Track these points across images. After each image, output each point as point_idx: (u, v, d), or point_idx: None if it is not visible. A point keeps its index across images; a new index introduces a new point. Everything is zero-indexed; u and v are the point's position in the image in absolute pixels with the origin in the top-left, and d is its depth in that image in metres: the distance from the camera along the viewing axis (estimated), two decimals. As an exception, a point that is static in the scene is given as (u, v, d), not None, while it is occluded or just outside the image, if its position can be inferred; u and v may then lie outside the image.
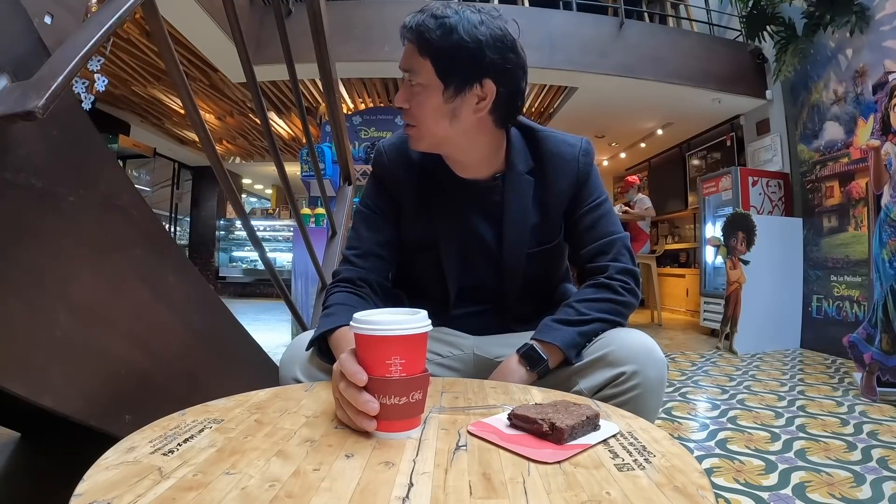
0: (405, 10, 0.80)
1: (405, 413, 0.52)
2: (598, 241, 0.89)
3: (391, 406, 0.52)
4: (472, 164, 0.88)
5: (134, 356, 0.98)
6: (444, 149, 0.86)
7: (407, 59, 0.80)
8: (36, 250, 0.79)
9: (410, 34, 0.78)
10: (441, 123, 0.81)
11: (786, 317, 3.81)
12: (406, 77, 0.81)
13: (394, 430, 0.52)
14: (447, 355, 0.91)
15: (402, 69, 0.81)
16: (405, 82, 0.82)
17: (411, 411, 0.53)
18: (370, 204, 0.94)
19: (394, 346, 0.52)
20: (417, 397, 0.53)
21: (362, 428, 0.52)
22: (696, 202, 5.33)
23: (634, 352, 0.75)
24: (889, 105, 2.46)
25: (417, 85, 0.79)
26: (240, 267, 8.81)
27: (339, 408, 0.55)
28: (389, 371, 0.52)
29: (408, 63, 0.80)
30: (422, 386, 0.53)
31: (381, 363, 0.52)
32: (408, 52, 0.80)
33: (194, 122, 1.09)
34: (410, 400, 0.52)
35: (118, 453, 0.46)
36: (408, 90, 0.81)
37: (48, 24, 0.81)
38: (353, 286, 0.88)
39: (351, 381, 0.52)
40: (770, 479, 1.46)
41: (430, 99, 0.79)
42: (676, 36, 4.72)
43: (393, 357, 0.52)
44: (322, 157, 4.02)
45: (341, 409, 0.55)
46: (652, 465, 0.45)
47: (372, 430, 0.52)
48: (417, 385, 0.53)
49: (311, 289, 3.65)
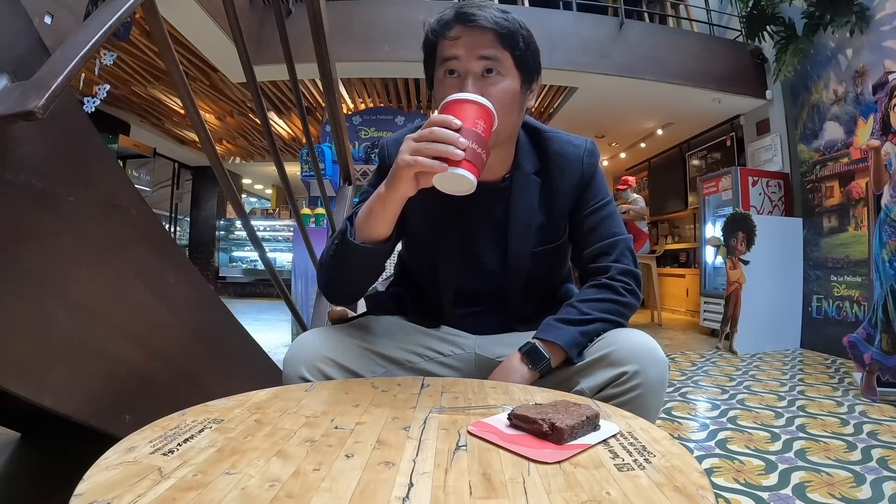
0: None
1: (475, 160, 0.67)
2: (600, 241, 0.89)
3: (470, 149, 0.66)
4: (496, 164, 0.87)
5: (134, 356, 0.98)
6: (499, 145, 0.84)
7: (485, 46, 0.77)
8: (36, 250, 0.79)
9: (486, 23, 0.76)
10: (514, 115, 0.82)
11: (786, 317, 3.81)
12: (470, 68, 0.77)
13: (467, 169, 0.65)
14: (448, 354, 0.91)
15: (482, 56, 0.77)
16: (471, 73, 0.77)
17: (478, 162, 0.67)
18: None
19: (481, 111, 0.69)
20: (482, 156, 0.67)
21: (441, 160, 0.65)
22: (696, 202, 5.33)
23: (636, 352, 0.75)
24: (889, 105, 2.46)
25: (497, 74, 0.78)
26: (240, 267, 8.81)
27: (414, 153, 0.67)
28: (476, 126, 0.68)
29: (488, 51, 0.77)
30: (487, 144, 0.69)
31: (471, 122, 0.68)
32: (484, 41, 0.77)
33: (194, 122, 1.09)
34: (478, 150, 0.67)
35: (118, 453, 0.46)
36: (480, 81, 0.77)
37: (48, 24, 0.81)
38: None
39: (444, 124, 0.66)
40: (770, 479, 1.46)
41: (511, 88, 0.79)
42: (676, 36, 4.72)
43: (478, 120, 0.68)
44: (322, 157, 4.02)
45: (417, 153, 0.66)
46: (652, 465, 0.45)
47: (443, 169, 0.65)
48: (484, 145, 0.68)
49: (311, 289, 3.65)
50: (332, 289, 0.88)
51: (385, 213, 0.76)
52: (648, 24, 4.94)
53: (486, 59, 0.77)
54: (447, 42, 0.79)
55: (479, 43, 0.77)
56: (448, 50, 0.79)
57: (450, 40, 0.78)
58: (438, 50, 0.81)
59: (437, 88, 0.82)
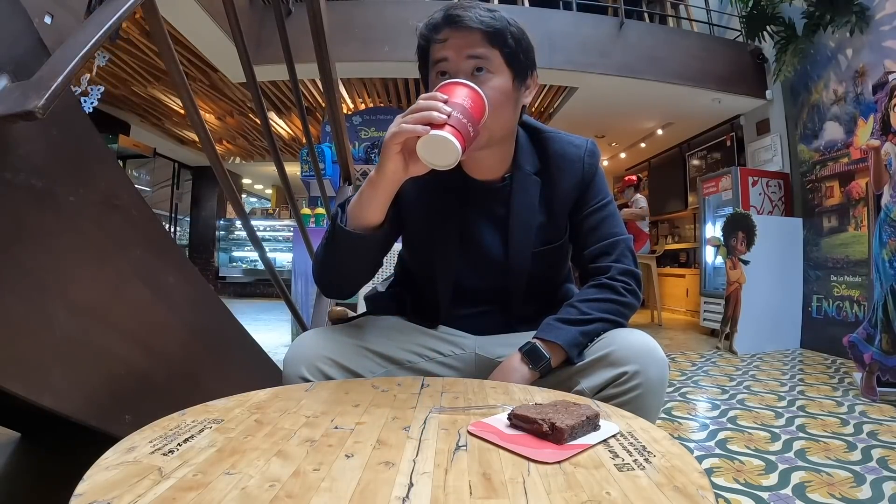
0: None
1: (461, 129, 0.68)
2: (601, 241, 0.89)
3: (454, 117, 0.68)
4: (494, 163, 0.88)
5: (134, 356, 0.97)
6: (497, 142, 0.84)
7: (473, 45, 0.78)
8: (36, 250, 0.79)
9: (472, 23, 0.77)
10: (508, 112, 0.82)
11: (786, 317, 3.81)
12: (460, 68, 0.78)
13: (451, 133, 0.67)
14: (449, 354, 0.91)
15: (470, 55, 0.78)
16: (461, 73, 0.78)
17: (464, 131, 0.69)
18: None
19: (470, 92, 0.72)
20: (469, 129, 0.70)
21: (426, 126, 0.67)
22: (696, 202, 5.33)
23: (636, 352, 0.75)
24: (889, 105, 2.46)
25: (487, 73, 0.79)
26: (240, 267, 8.81)
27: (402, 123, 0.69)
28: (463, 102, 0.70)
29: (476, 50, 0.78)
30: (475, 122, 0.71)
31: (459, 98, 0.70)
32: (472, 41, 0.78)
33: (194, 122, 1.09)
34: (463, 120, 0.69)
35: (118, 453, 0.46)
36: (470, 80, 0.77)
37: (48, 24, 0.81)
38: None
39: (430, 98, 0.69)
40: (770, 479, 1.46)
41: (503, 85, 0.80)
42: (676, 36, 4.71)
43: (465, 99, 0.71)
44: (322, 157, 4.02)
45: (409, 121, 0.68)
46: (652, 465, 0.45)
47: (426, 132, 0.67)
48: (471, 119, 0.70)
49: (311, 289, 3.64)
50: (325, 280, 0.87)
51: (375, 196, 0.76)
52: (648, 24, 4.94)
53: (474, 59, 0.79)
54: (437, 45, 0.80)
55: (466, 43, 0.78)
56: (438, 52, 0.80)
57: (439, 43, 0.80)
58: (430, 54, 0.82)
59: (430, 87, 0.82)
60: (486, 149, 0.83)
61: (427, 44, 0.82)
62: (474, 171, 0.89)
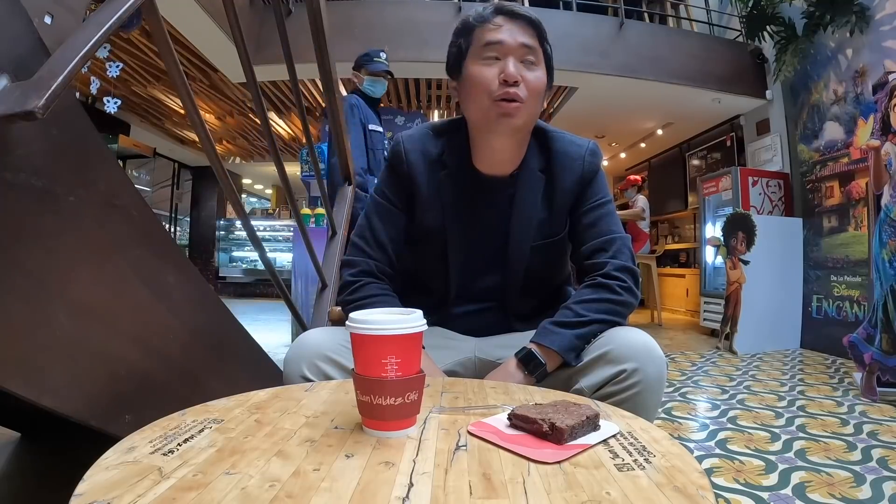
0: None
1: (401, 413, 0.52)
2: (597, 238, 0.90)
3: (387, 406, 0.51)
4: (508, 157, 0.91)
5: (134, 356, 0.97)
6: (524, 133, 0.90)
7: (527, 35, 0.85)
8: (36, 250, 0.79)
9: (526, 16, 0.85)
10: (539, 105, 0.87)
11: (786, 317, 3.81)
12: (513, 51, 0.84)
13: (390, 430, 0.53)
14: (448, 359, 0.91)
15: (523, 44, 0.84)
16: (513, 55, 0.83)
17: (407, 411, 0.53)
18: (386, 193, 0.95)
19: (389, 345, 0.52)
20: (413, 398, 0.53)
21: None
22: (696, 202, 5.33)
23: (634, 350, 0.76)
24: (889, 105, 2.46)
25: (533, 65, 0.85)
26: (240, 267, 8.80)
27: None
28: (385, 371, 0.52)
29: (529, 41, 0.84)
30: (417, 387, 0.54)
31: (376, 363, 0.52)
32: (527, 32, 0.84)
33: (194, 122, 1.09)
34: (406, 400, 0.52)
35: (118, 453, 0.46)
36: (519, 65, 0.84)
37: (48, 24, 0.81)
38: (376, 279, 0.92)
39: None
40: (770, 479, 1.46)
41: (544, 79, 0.87)
42: (676, 36, 4.72)
43: (389, 356, 0.52)
44: (322, 157, 4.02)
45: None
46: (652, 465, 0.45)
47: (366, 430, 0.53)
48: (413, 385, 0.53)
49: (311, 289, 3.64)
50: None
51: None
52: (648, 24, 4.95)
53: (526, 48, 0.84)
54: (490, 28, 0.84)
55: (522, 31, 0.84)
56: (490, 34, 0.84)
57: (493, 26, 0.84)
58: (477, 34, 0.86)
59: (469, 69, 0.86)
60: (524, 132, 0.89)
61: (477, 24, 0.86)
62: (487, 165, 0.91)
